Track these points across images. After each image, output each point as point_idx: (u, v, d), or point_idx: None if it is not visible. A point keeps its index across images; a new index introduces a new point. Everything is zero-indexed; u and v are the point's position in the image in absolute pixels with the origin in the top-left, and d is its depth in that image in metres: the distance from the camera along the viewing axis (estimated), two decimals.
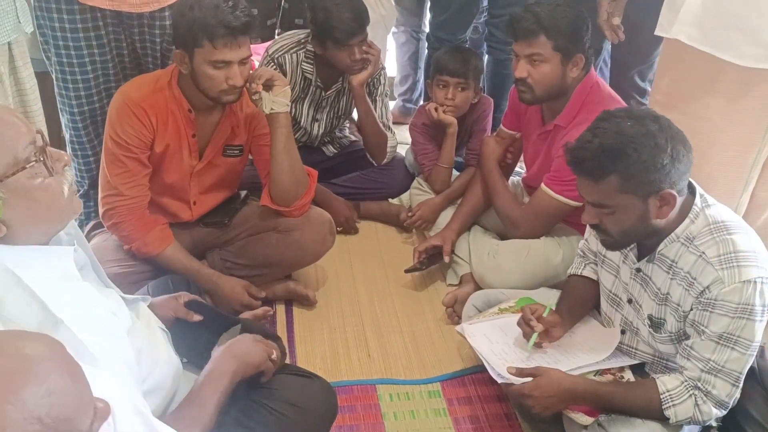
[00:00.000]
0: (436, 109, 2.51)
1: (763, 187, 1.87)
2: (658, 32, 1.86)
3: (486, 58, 2.97)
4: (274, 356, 1.42)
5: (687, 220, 1.47)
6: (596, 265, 1.77)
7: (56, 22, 1.97)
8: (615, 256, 1.66)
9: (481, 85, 2.61)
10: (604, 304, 1.75)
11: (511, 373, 1.62)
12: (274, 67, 2.50)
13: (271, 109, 1.93)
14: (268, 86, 1.92)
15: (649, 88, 2.58)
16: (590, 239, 1.79)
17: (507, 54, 2.65)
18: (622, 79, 2.62)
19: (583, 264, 1.82)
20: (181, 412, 1.25)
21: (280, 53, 2.52)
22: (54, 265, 1.12)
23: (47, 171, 1.09)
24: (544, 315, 1.71)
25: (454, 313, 2.18)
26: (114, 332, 1.15)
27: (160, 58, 2.15)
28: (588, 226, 1.77)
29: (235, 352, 1.37)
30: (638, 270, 1.59)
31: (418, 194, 2.64)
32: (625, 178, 1.40)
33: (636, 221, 1.45)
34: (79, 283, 1.15)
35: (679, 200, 1.44)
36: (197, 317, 1.49)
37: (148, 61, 2.15)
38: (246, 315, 1.72)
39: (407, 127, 2.89)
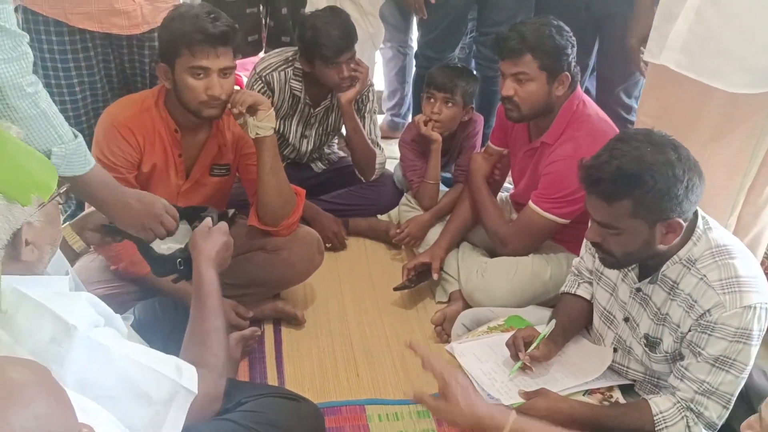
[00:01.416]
0: (425, 123, 2.53)
1: (749, 209, 1.89)
2: (646, 58, 1.88)
3: None
4: None
5: (689, 243, 1.47)
6: (591, 283, 1.77)
7: (44, 44, 1.97)
8: (613, 274, 1.66)
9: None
10: (597, 322, 1.75)
11: (520, 396, 1.61)
12: (262, 85, 2.50)
13: (257, 133, 1.93)
14: (252, 111, 1.91)
15: (635, 105, 2.59)
16: (586, 257, 1.79)
17: (495, 71, 2.65)
18: (608, 95, 2.64)
19: (577, 283, 1.82)
20: (199, 334, 1.37)
21: (267, 71, 2.52)
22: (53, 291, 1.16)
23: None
24: (535, 344, 1.70)
25: (443, 331, 2.17)
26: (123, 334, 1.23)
27: (149, 78, 2.15)
28: (585, 243, 1.78)
29: (211, 255, 1.49)
30: (638, 290, 1.59)
31: (406, 211, 2.64)
32: (637, 204, 1.39)
33: (640, 245, 1.45)
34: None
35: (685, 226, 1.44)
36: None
37: (137, 81, 2.15)
38: (234, 335, 1.72)
39: (396, 141, 2.90)
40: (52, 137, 1.31)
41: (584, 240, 1.81)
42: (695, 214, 1.49)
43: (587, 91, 2.74)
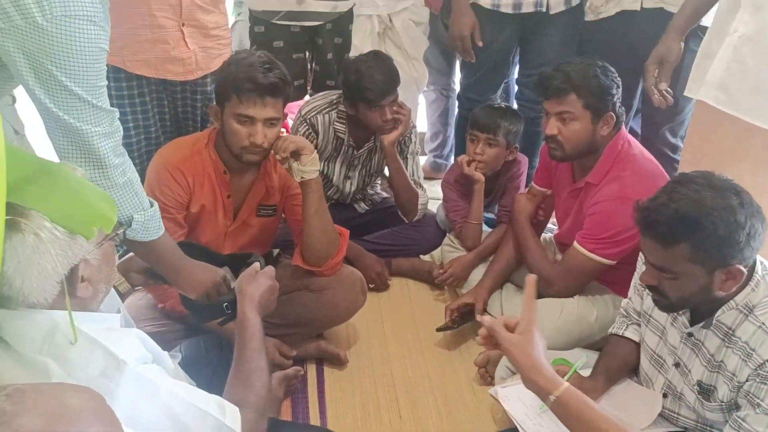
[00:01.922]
0: (468, 163, 2.54)
1: None
2: (686, 93, 1.87)
3: None
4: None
5: (747, 288, 1.42)
6: (639, 325, 1.73)
7: None
8: (662, 317, 1.61)
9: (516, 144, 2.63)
10: (646, 365, 1.70)
11: None
12: (307, 127, 2.56)
13: (302, 177, 1.97)
14: (296, 156, 1.96)
15: (680, 144, 2.56)
16: (634, 298, 1.76)
17: (537, 112, 2.68)
18: (653, 135, 2.61)
19: (626, 324, 1.78)
20: (242, 374, 1.39)
21: (312, 114, 2.58)
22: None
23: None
24: (569, 375, 1.66)
25: (487, 373, 2.14)
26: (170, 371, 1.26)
27: (200, 121, 2.22)
28: (634, 284, 1.74)
29: (255, 298, 1.51)
30: (690, 335, 1.54)
31: (449, 251, 2.64)
32: (695, 249, 1.35)
33: (697, 290, 1.41)
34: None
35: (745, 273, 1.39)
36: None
37: (188, 124, 2.23)
38: (277, 375, 1.73)
39: (438, 182, 2.91)
40: (135, 204, 1.41)
41: (633, 281, 1.78)
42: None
43: (632, 131, 2.72)
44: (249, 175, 2.07)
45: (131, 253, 1.65)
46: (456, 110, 3.19)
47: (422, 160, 3.31)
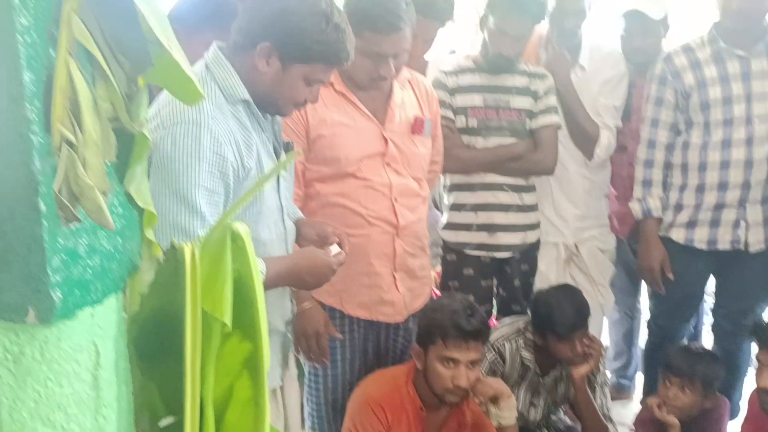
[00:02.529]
0: (659, 407, 2.43)
1: None
2: None
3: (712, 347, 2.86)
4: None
5: None
6: None
7: None
8: None
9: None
10: None
11: None
12: (494, 354, 2.61)
13: (499, 423, 2.00)
14: (494, 400, 2.01)
15: None
16: None
17: (735, 345, 2.55)
18: None
19: None
20: None
21: (500, 342, 2.63)
22: None
23: None
24: None
25: None
26: None
27: (399, 356, 2.36)
28: None
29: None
30: None
31: None
32: None
33: None
34: None
35: None
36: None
37: (388, 358, 2.37)
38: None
39: (622, 402, 2.78)
40: None
41: None
42: None
43: None
44: (442, 411, 2.13)
45: None
46: (641, 331, 3.11)
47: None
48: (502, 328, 2.69)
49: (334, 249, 1.68)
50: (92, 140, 0.83)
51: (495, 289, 2.94)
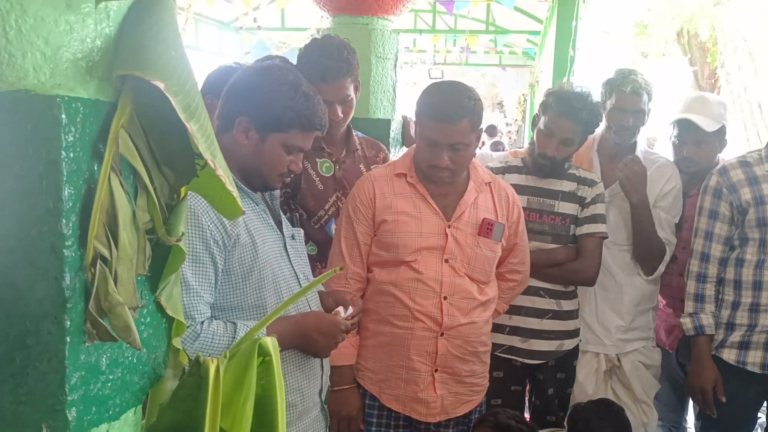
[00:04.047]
0: None
1: None
2: None
3: None
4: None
5: None
6: None
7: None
8: None
9: None
10: None
11: None
12: None
13: None
14: None
15: None
16: None
17: None
18: None
19: None
20: None
21: None
22: None
23: None
24: None
25: None
26: None
27: None
28: None
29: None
30: None
31: None
32: None
33: None
34: None
35: None
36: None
37: None
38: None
39: None
40: None
41: None
42: None
43: None
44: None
45: None
46: None
47: None
48: None
49: (342, 311, 1.70)
50: (126, 256, 0.82)
51: (528, 396, 2.81)
